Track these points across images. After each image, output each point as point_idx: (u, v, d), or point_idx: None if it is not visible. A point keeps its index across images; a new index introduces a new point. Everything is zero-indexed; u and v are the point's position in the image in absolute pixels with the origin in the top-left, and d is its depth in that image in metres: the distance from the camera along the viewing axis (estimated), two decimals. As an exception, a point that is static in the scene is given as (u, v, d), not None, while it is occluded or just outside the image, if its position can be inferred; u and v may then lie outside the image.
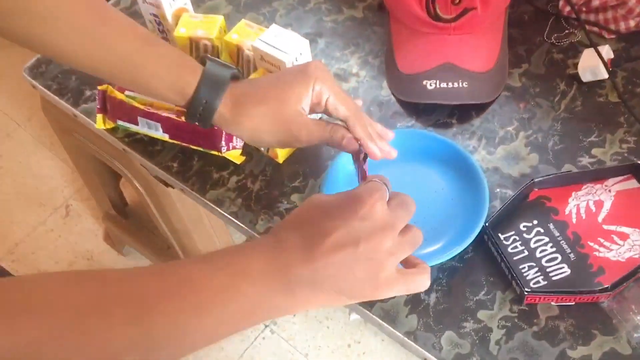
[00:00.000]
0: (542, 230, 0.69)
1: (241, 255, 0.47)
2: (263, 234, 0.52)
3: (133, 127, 0.81)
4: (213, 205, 0.76)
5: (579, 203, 0.70)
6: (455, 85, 0.79)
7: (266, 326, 1.45)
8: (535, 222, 0.70)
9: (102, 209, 1.47)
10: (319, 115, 0.71)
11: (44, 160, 1.77)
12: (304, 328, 1.44)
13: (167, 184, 0.84)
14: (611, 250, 0.67)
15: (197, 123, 0.64)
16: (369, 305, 0.68)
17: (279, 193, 0.76)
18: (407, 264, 0.54)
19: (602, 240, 0.67)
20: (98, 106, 0.83)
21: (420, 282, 0.51)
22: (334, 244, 0.46)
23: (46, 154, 1.78)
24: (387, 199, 0.51)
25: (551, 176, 0.72)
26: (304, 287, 0.47)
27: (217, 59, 0.64)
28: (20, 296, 0.41)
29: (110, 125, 0.83)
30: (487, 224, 0.69)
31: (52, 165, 1.76)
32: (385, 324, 0.67)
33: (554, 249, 0.68)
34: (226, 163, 0.79)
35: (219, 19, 0.80)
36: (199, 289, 0.45)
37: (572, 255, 0.67)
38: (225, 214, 0.76)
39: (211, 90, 0.62)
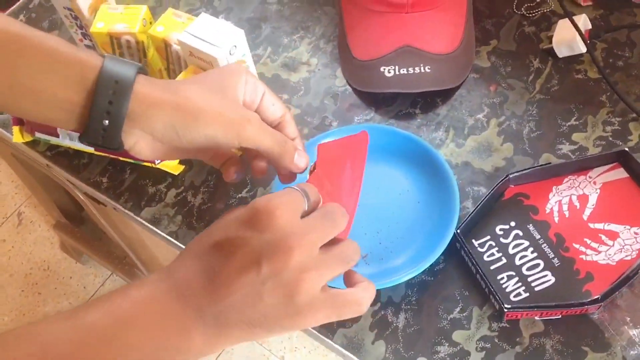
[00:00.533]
0: (520, 233, 0.61)
1: (123, 297, 0.40)
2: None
3: (53, 139, 0.71)
4: (149, 225, 0.67)
5: (561, 199, 0.62)
6: (417, 70, 0.69)
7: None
8: (512, 223, 0.62)
9: (54, 217, 1.37)
10: None
11: (-10, 166, 1.66)
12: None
13: (98, 202, 0.74)
14: (599, 252, 0.59)
15: (106, 123, 0.46)
16: (329, 332, 0.59)
17: (224, 206, 0.67)
18: (347, 283, 0.46)
19: (588, 242, 0.59)
20: (12, 117, 0.73)
21: (356, 304, 0.43)
22: (235, 268, 0.39)
23: (-7, 159, 1.67)
24: (300, 209, 0.43)
25: (528, 170, 0.63)
26: (208, 325, 0.39)
27: (115, 56, 0.49)
28: None
29: (28, 138, 0.73)
30: (458, 230, 0.60)
31: (0, 170, 1.64)
32: (349, 354, 0.58)
33: (535, 254, 0.60)
34: (163, 175, 0.69)
35: (142, 10, 0.69)
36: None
37: (555, 261, 0.59)
38: (164, 234, 0.66)
39: (121, 75, 0.46)
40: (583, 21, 0.71)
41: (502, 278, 0.59)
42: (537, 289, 0.58)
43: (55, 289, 1.46)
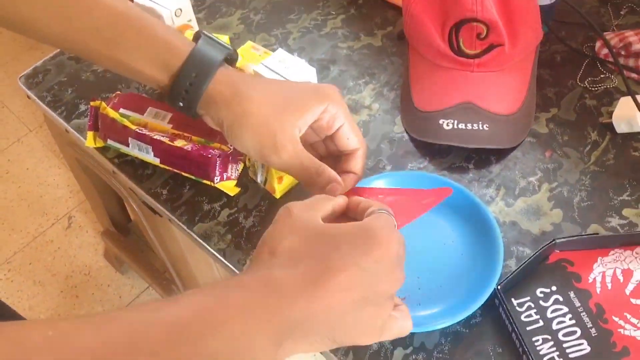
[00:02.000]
0: (561, 299, 0.61)
1: (217, 299, 0.40)
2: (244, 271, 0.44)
3: (124, 148, 0.75)
4: (200, 240, 0.70)
5: (605, 270, 0.62)
6: (475, 127, 0.72)
7: None
8: (554, 288, 0.62)
9: (103, 225, 1.42)
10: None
11: (51, 169, 1.73)
12: (301, 366, 1.36)
13: (154, 212, 0.77)
14: (639, 328, 0.58)
15: (180, 105, 0.55)
16: (360, 368, 0.60)
17: (273, 232, 0.69)
18: None
19: (628, 316, 0.59)
20: (89, 123, 0.78)
21: (405, 327, 0.47)
22: (341, 286, 0.41)
23: (54, 162, 1.75)
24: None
25: (575, 237, 0.64)
26: (295, 334, 0.40)
27: (214, 37, 0.56)
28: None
29: (100, 143, 0.78)
30: (499, 287, 0.61)
31: (59, 174, 1.72)
32: (376, 392, 0.59)
33: (574, 322, 0.60)
34: (219, 194, 0.72)
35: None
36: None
37: (593, 331, 0.59)
38: (212, 250, 0.69)
39: (203, 67, 0.53)
40: (645, 100, 0.72)
41: (538, 340, 0.59)
42: (571, 355, 0.58)
43: (93, 294, 1.50)
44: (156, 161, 0.73)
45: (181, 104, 0.55)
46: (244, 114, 0.52)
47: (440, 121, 0.72)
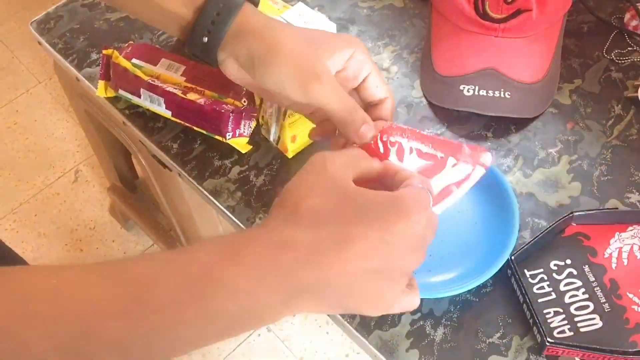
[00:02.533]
0: (575, 272, 0.60)
1: (228, 255, 0.39)
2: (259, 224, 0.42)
3: (135, 99, 0.74)
4: (209, 196, 0.69)
5: (622, 246, 0.61)
6: (497, 94, 0.70)
7: (263, 323, 1.38)
8: (568, 261, 0.61)
9: (110, 180, 1.41)
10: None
11: (59, 122, 1.72)
12: (302, 330, 1.36)
13: (164, 166, 0.76)
14: (654, 306, 0.57)
15: (205, 41, 0.51)
16: (366, 331, 0.60)
17: (284, 191, 0.68)
18: None
19: (644, 294, 0.58)
20: (101, 72, 0.76)
21: (412, 303, 0.45)
22: (358, 253, 0.39)
23: (62, 115, 1.73)
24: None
25: (594, 211, 0.62)
26: (304, 296, 0.39)
27: None
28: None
29: (111, 93, 0.76)
30: (512, 257, 0.60)
31: (67, 127, 1.70)
32: (382, 356, 0.58)
33: (587, 296, 0.59)
34: (230, 151, 0.71)
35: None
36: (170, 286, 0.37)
37: (606, 306, 0.58)
38: (222, 207, 0.68)
39: (226, 4, 0.50)
40: (674, 75, 0.70)
41: (549, 313, 0.58)
42: (582, 329, 0.57)
43: (97, 249, 1.50)
44: (168, 114, 0.72)
45: (205, 39, 0.51)
46: (277, 43, 0.49)
47: (461, 87, 0.70)
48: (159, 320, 0.36)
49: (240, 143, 0.70)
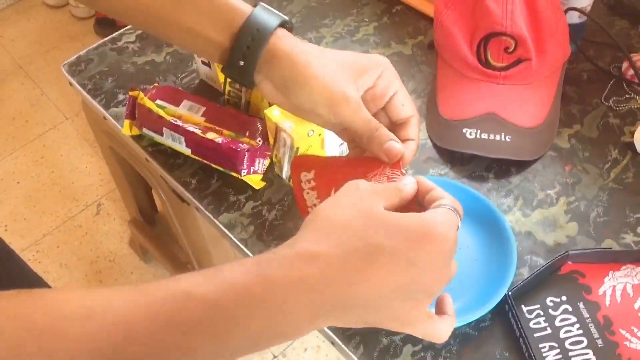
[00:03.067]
0: (570, 309, 0.63)
1: (258, 277, 0.40)
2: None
3: (157, 137, 0.79)
4: (224, 229, 0.73)
5: (616, 284, 0.64)
6: (497, 137, 0.73)
7: (274, 357, 1.40)
8: (564, 298, 0.64)
9: (131, 214, 1.46)
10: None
11: (84, 157, 1.79)
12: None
13: (182, 200, 0.81)
14: (645, 342, 0.60)
15: (241, 63, 0.54)
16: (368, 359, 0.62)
17: (294, 226, 0.72)
18: (438, 304, 0.49)
19: (635, 330, 0.61)
20: (127, 111, 0.81)
21: (442, 332, 0.46)
22: (384, 271, 0.41)
23: (87, 151, 1.80)
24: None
25: (589, 250, 0.65)
26: (328, 314, 0.42)
27: (269, 7, 0.57)
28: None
29: (136, 132, 0.81)
30: (510, 293, 0.63)
31: (91, 162, 1.77)
32: (384, 385, 0.61)
33: (581, 332, 0.61)
34: (245, 187, 0.75)
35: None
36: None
37: (599, 342, 0.60)
38: (235, 240, 0.72)
39: (262, 25, 0.53)
40: (668, 122, 0.74)
41: (544, 347, 0.61)
42: (576, 364, 0.59)
43: (116, 280, 1.54)
44: (188, 151, 0.77)
45: (241, 63, 0.54)
46: (309, 66, 0.52)
47: (464, 130, 0.74)
48: (186, 341, 0.38)
49: (255, 180, 0.75)
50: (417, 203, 0.49)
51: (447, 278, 0.45)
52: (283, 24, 0.55)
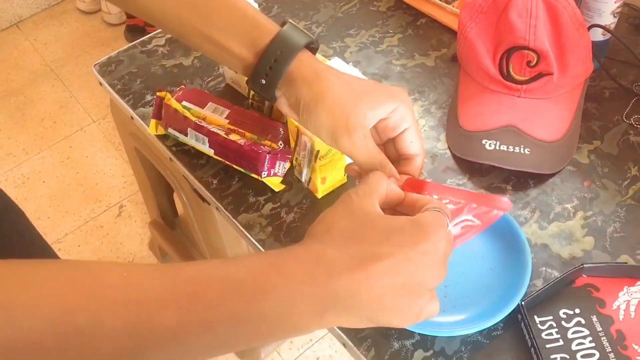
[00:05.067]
0: (583, 321, 0.63)
1: (272, 266, 0.44)
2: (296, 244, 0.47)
3: (182, 137, 0.81)
4: (242, 229, 0.74)
5: (630, 299, 0.64)
6: (517, 150, 0.74)
7: (287, 364, 1.41)
8: (577, 310, 0.64)
9: (152, 216, 1.49)
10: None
11: (108, 159, 1.82)
12: (325, 374, 1.38)
13: (203, 199, 0.82)
14: (659, 358, 0.59)
15: (262, 83, 0.56)
16: (380, 364, 0.63)
17: (312, 229, 0.73)
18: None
19: (649, 346, 0.60)
20: (153, 111, 0.83)
21: (435, 308, 0.49)
22: (385, 269, 0.44)
23: (112, 153, 1.83)
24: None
25: (604, 264, 0.66)
26: (337, 309, 0.44)
27: (296, 25, 0.59)
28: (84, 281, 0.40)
29: (161, 131, 0.83)
30: (523, 302, 0.63)
31: (115, 165, 1.80)
32: (393, 389, 0.62)
33: (593, 345, 0.61)
34: (264, 188, 0.77)
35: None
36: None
37: (611, 355, 0.60)
38: (253, 240, 0.73)
39: (287, 46, 0.55)
40: (689, 141, 0.73)
41: (556, 358, 0.61)
42: (587, 376, 0.59)
43: (134, 281, 1.56)
44: (210, 152, 0.78)
45: (263, 82, 0.56)
46: (321, 92, 0.54)
47: (483, 141, 0.75)
48: (209, 315, 0.41)
49: (274, 182, 0.76)
50: (405, 214, 0.52)
51: (444, 271, 0.48)
52: (308, 44, 0.57)
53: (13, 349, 0.36)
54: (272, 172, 0.76)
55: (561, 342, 0.62)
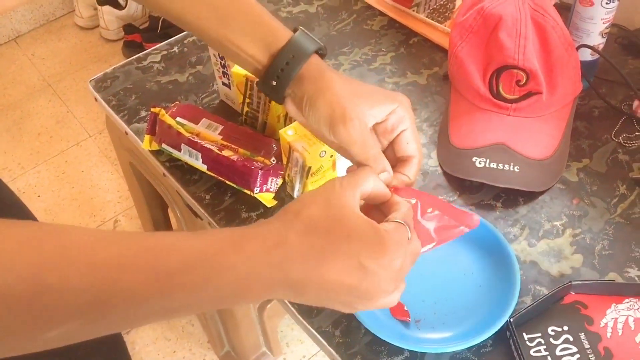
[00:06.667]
0: (571, 339, 0.63)
1: (233, 243, 0.46)
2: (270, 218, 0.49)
3: (175, 153, 0.81)
4: (234, 244, 0.75)
5: (618, 317, 0.64)
6: (506, 167, 0.75)
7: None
8: (565, 327, 0.64)
9: (146, 230, 1.49)
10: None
11: (104, 174, 1.82)
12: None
13: (196, 215, 0.83)
14: (646, 376, 0.60)
15: (273, 84, 0.59)
16: (369, 380, 0.63)
17: (303, 245, 0.73)
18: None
19: (637, 363, 0.61)
20: (147, 127, 0.84)
21: (393, 300, 0.51)
22: (338, 270, 0.46)
23: (107, 168, 1.84)
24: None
25: (592, 282, 0.66)
26: (285, 288, 0.46)
27: (307, 32, 0.61)
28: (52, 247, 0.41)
29: (155, 147, 0.84)
30: (511, 320, 0.64)
31: (110, 180, 1.81)
32: (382, 405, 0.62)
33: (581, 362, 0.61)
34: (257, 204, 0.77)
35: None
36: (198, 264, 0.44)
37: (600, 373, 0.61)
38: (245, 256, 0.74)
39: (299, 51, 0.58)
40: (677, 160, 0.74)
41: (544, 375, 0.61)
42: (575, 393, 0.59)
43: (127, 296, 1.56)
44: (204, 167, 0.79)
45: (274, 83, 0.59)
46: (323, 87, 0.57)
47: (474, 159, 0.76)
48: (168, 282, 0.43)
49: (267, 198, 0.77)
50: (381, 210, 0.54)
51: (399, 286, 0.50)
52: (317, 50, 0.59)
53: None
54: (264, 188, 0.77)
55: (549, 359, 0.62)
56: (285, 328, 1.46)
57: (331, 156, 0.72)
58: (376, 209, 0.54)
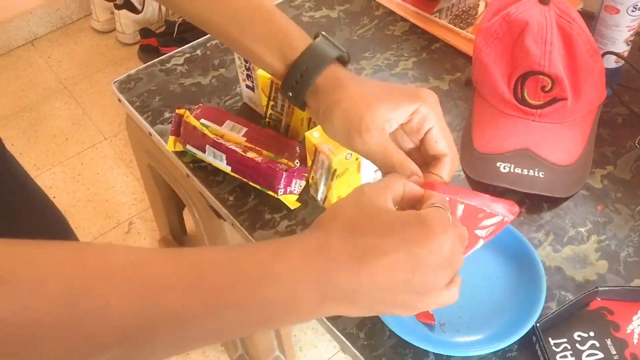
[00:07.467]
0: (597, 345, 0.63)
1: (276, 254, 0.44)
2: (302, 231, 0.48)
3: (200, 154, 0.82)
4: (258, 246, 0.75)
5: (645, 323, 0.64)
6: (531, 173, 0.75)
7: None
8: (592, 333, 0.64)
9: (161, 233, 1.49)
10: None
11: (119, 176, 1.83)
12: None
13: (219, 216, 0.83)
14: (674, 383, 0.60)
15: (290, 94, 0.59)
16: (394, 383, 0.63)
17: (327, 247, 0.74)
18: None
19: (664, 370, 0.60)
20: (172, 128, 0.85)
21: (452, 296, 0.48)
22: (388, 265, 0.43)
23: (123, 170, 1.85)
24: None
25: (618, 288, 0.66)
26: (337, 298, 0.44)
27: (331, 39, 0.60)
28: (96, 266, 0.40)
29: (179, 148, 0.85)
30: (537, 324, 0.63)
31: (125, 182, 1.81)
32: (408, 408, 0.62)
33: (608, 368, 0.61)
34: (280, 206, 0.78)
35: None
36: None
37: (627, 379, 0.60)
38: (269, 257, 0.74)
39: (314, 62, 0.57)
40: (702, 168, 0.74)
41: (570, 381, 0.61)
42: (602, 400, 0.59)
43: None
44: (228, 169, 0.79)
45: (290, 94, 0.59)
46: (338, 99, 0.55)
47: (498, 164, 0.76)
48: (213, 300, 0.41)
49: (290, 200, 0.77)
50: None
51: (452, 271, 0.47)
52: (339, 57, 0.58)
53: (14, 325, 0.36)
54: (288, 190, 0.77)
55: (576, 365, 0.62)
56: (298, 332, 1.46)
57: (356, 159, 0.72)
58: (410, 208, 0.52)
